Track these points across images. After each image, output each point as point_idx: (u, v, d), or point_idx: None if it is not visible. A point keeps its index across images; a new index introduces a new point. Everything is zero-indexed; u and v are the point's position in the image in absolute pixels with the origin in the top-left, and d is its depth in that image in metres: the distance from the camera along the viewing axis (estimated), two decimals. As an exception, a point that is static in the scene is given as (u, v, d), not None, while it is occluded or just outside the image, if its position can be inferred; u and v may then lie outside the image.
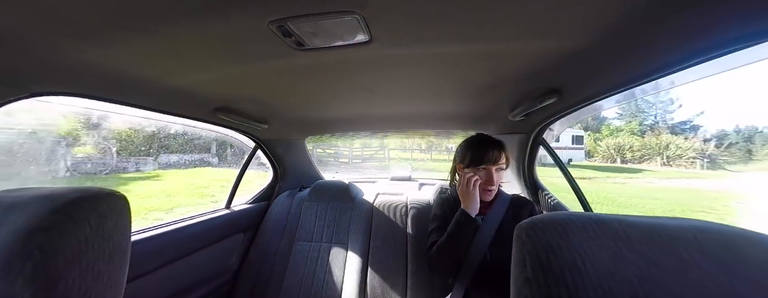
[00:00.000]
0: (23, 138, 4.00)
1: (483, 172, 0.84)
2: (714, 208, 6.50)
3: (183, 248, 1.00)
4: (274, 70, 0.63)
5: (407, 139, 7.82)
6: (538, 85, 0.72)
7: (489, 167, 0.83)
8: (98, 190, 0.36)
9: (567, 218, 0.26)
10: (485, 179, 0.83)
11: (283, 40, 0.48)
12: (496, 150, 0.83)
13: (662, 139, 15.40)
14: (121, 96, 0.67)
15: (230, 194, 1.32)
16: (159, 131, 6.22)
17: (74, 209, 0.32)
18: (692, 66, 0.45)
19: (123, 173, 6.09)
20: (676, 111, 27.87)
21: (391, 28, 0.47)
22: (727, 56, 0.41)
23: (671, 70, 0.48)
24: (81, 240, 0.31)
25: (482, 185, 0.83)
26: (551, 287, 0.22)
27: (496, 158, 0.83)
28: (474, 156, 0.85)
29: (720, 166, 15.25)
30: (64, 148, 5.37)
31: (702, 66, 0.44)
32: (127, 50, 0.50)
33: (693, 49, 0.43)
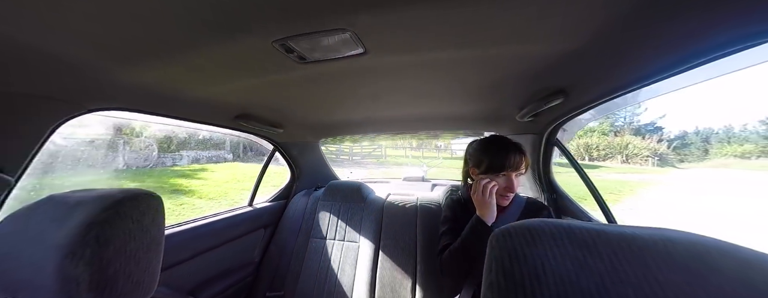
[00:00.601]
0: (92, 144, 5.17)
1: (502, 178, 0.78)
2: (620, 190, 7.85)
3: (211, 241, 1.12)
4: (283, 81, 0.69)
5: (400, 139, 8.07)
6: (544, 86, 0.71)
7: (509, 173, 0.77)
8: (138, 191, 0.43)
9: (538, 225, 0.27)
10: (505, 185, 0.78)
11: (286, 55, 0.53)
12: (517, 155, 0.77)
13: (624, 140, 16.91)
14: (158, 108, 0.77)
15: (253, 192, 1.43)
16: (173, 132, 6.85)
17: (121, 207, 0.39)
18: (696, 67, 0.42)
19: (163, 167, 6.80)
20: (642, 114, 29.68)
21: (384, 41, 0.49)
22: (734, 55, 0.38)
23: (678, 69, 0.45)
24: (126, 232, 0.38)
25: (500, 191, 0.78)
26: (511, 292, 0.23)
27: (517, 164, 0.77)
28: (493, 162, 0.79)
29: (669, 163, 16.54)
30: (123, 147, 6.28)
31: (706, 67, 0.41)
32: (162, 70, 0.58)
33: (697, 49, 0.40)
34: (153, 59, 0.53)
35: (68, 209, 0.37)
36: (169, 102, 0.75)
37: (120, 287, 0.36)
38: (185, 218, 1.11)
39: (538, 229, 0.26)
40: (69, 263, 0.33)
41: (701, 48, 0.39)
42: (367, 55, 0.54)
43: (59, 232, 0.35)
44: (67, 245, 0.34)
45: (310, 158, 1.67)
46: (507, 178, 0.78)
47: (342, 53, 0.54)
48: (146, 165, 6.51)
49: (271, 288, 1.25)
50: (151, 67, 0.56)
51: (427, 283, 1.08)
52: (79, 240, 0.34)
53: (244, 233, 1.29)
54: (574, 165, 0.98)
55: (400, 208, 1.30)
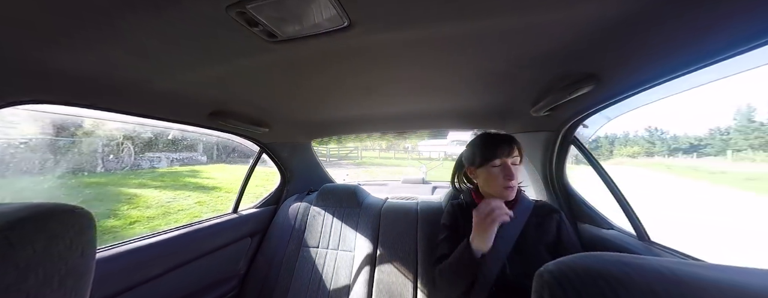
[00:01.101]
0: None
1: (499, 167, 0.76)
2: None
3: (190, 253, 1.00)
4: (255, 67, 0.58)
5: (371, 140, 8.25)
6: (569, 71, 0.59)
7: (504, 160, 0.76)
8: (52, 207, 0.32)
9: (619, 269, 0.16)
10: (504, 173, 0.75)
11: (250, 30, 0.42)
12: (506, 143, 0.77)
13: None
14: (105, 102, 0.65)
15: (237, 198, 1.31)
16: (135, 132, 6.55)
17: (13, 233, 0.27)
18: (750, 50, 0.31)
19: (139, 170, 6.61)
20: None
21: (373, 9, 0.38)
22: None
23: (746, 47, 0.34)
24: (20, 267, 0.27)
25: (503, 182, 0.75)
26: None
27: (509, 151, 0.76)
28: (484, 153, 0.78)
29: (582, 162, 21.43)
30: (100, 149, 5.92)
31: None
32: (96, 52, 0.47)
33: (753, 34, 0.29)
34: (76, 37, 0.42)
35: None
36: (116, 94, 0.63)
37: None
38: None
39: (621, 279, 0.16)
40: None
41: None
42: (353, 29, 0.43)
43: None
44: None
45: (301, 159, 1.56)
46: (504, 165, 0.76)
47: (321, 28, 0.42)
48: (123, 167, 6.29)
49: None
50: (78, 48, 0.45)
51: (428, 294, 0.97)
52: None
53: (228, 242, 1.17)
54: (595, 166, 0.87)
55: (399, 213, 1.20)
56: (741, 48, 0.36)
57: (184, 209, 4.16)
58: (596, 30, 0.43)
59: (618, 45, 0.46)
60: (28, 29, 0.39)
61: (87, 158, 5.71)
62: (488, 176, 0.78)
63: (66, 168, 4.98)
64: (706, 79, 0.44)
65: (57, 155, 4.97)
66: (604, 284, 0.16)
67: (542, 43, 0.49)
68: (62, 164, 5.00)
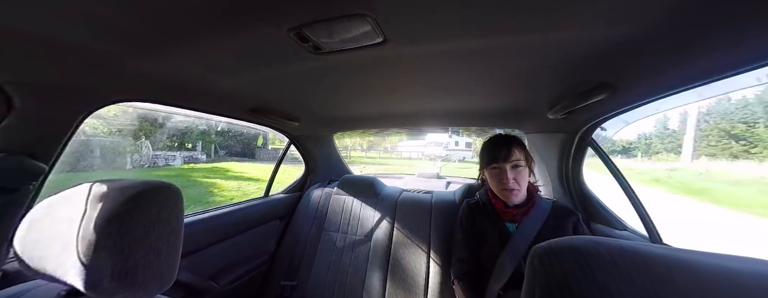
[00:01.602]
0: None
1: (496, 171, 0.81)
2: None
3: (230, 230, 1.16)
4: (298, 73, 0.67)
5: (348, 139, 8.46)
6: (586, 79, 0.62)
7: (501, 165, 0.79)
8: (158, 183, 0.43)
9: (592, 246, 0.22)
10: (499, 178, 0.80)
11: (301, 45, 0.50)
12: (504, 147, 0.79)
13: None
14: (178, 100, 0.78)
15: (268, 184, 1.46)
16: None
17: (141, 199, 0.39)
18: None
19: (156, 168, 7.21)
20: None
21: (405, 28, 0.45)
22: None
23: (759, 63, 0.37)
24: (146, 224, 0.38)
25: (499, 186, 0.81)
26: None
27: (505, 156, 0.78)
28: (486, 156, 0.83)
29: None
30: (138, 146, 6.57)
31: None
32: (181, 61, 0.58)
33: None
34: (172, 49, 0.52)
35: (94, 199, 0.38)
36: (187, 93, 0.75)
37: (140, 277, 0.37)
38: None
39: (593, 252, 0.21)
40: (93, 252, 0.33)
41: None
42: (387, 44, 0.50)
43: (86, 222, 0.35)
44: (91, 235, 0.34)
45: (324, 151, 1.67)
46: (500, 170, 0.79)
47: (359, 43, 0.50)
48: (142, 165, 6.84)
49: (286, 277, 1.28)
50: (171, 57, 0.55)
51: (439, 281, 1.06)
52: (102, 231, 0.34)
53: (260, 223, 1.32)
54: (611, 168, 0.88)
55: (414, 204, 1.27)
56: (748, 66, 0.39)
57: (254, 192, 4.96)
58: (611, 45, 0.47)
59: (632, 59, 0.49)
60: (131, 43, 0.49)
61: (117, 156, 6.37)
62: (491, 177, 0.83)
63: (105, 165, 5.67)
64: (713, 93, 0.46)
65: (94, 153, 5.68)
66: (579, 256, 0.22)
67: (560, 56, 0.53)
68: (102, 162, 5.69)
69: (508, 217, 0.83)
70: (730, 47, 0.38)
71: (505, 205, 0.84)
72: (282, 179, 1.57)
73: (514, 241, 0.78)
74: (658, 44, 0.44)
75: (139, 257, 0.36)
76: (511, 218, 0.83)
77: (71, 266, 0.34)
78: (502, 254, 0.79)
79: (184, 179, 5.60)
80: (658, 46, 0.44)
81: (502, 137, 0.85)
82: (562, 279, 0.20)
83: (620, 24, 0.41)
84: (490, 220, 0.86)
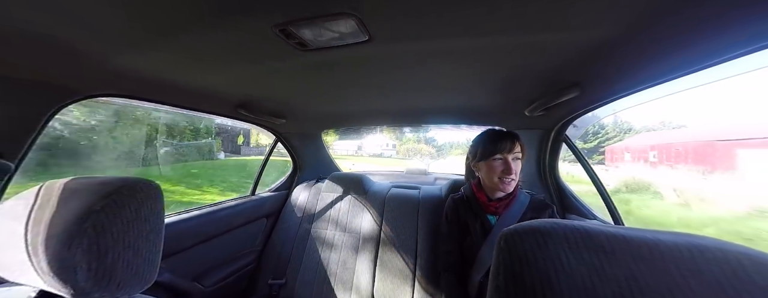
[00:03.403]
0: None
1: (499, 161, 0.82)
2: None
3: (215, 229, 1.13)
4: (284, 69, 0.67)
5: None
6: (558, 79, 0.67)
7: (505, 156, 0.81)
8: (136, 180, 0.42)
9: (550, 226, 0.25)
10: (502, 168, 0.82)
11: (287, 42, 0.51)
12: (508, 140, 0.81)
13: (420, 146, 27.49)
14: (158, 96, 0.75)
15: (254, 182, 1.43)
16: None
17: (118, 196, 0.38)
18: (723, 62, 0.39)
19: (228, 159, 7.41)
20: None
21: (390, 27, 0.46)
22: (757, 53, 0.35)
23: (697, 67, 0.42)
24: (124, 222, 0.38)
25: (501, 175, 0.82)
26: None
27: (510, 148, 0.81)
28: (486, 148, 0.83)
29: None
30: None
31: (738, 61, 0.38)
32: (159, 56, 0.56)
33: (727, 43, 0.37)
34: (151, 44, 0.51)
35: (67, 196, 0.37)
36: (168, 89, 0.73)
37: (119, 276, 0.36)
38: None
39: (550, 231, 0.25)
40: (67, 250, 0.33)
41: (739, 39, 0.36)
42: (372, 42, 0.51)
43: (57, 219, 0.34)
44: (64, 233, 0.33)
45: (311, 149, 1.67)
46: (503, 160, 0.81)
47: (345, 41, 0.51)
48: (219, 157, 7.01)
49: (274, 276, 1.27)
50: (151, 52, 0.54)
51: (426, 273, 1.09)
52: (76, 228, 0.33)
53: (247, 221, 1.30)
54: (582, 162, 0.95)
55: (402, 200, 1.30)
56: (690, 69, 0.44)
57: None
58: (579, 48, 0.51)
59: (595, 60, 0.54)
60: (111, 36, 0.48)
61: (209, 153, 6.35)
62: (489, 169, 0.84)
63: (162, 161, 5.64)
64: (664, 92, 0.52)
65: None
66: (538, 235, 0.25)
67: (535, 56, 0.57)
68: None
69: (490, 210, 0.88)
70: (682, 50, 0.43)
71: (488, 198, 0.88)
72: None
73: (494, 232, 0.83)
74: (619, 48, 0.48)
75: (117, 255, 0.36)
76: (493, 210, 0.87)
77: (41, 267, 0.33)
78: (483, 245, 0.83)
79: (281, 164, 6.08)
80: (618, 50, 0.49)
81: (504, 131, 0.87)
82: (523, 254, 0.24)
83: (587, 29, 0.45)
84: (474, 213, 0.90)
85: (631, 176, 6.74)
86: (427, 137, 37.23)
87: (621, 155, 11.25)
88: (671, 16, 0.37)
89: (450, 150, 30.20)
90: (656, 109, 34.90)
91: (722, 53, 0.39)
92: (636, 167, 9.21)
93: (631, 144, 12.15)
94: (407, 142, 30.51)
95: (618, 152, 11.98)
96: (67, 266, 0.32)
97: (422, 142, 31.74)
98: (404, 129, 1.68)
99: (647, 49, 0.46)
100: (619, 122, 24.51)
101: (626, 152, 11.24)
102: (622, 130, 21.94)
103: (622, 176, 7.29)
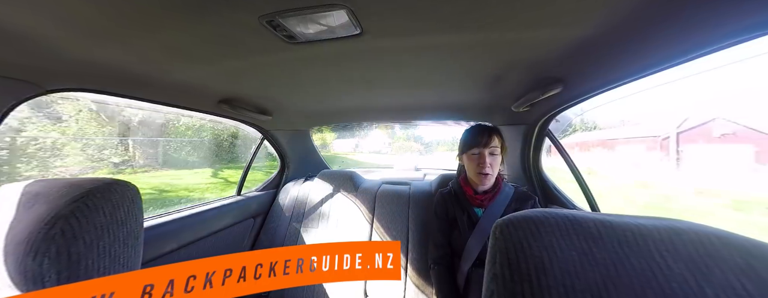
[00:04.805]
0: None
1: (475, 155, 0.85)
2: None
3: (199, 231, 1.08)
4: (271, 63, 0.64)
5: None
6: (542, 75, 0.69)
7: (481, 150, 0.84)
8: (110, 180, 0.39)
9: (542, 215, 0.27)
10: (478, 161, 0.85)
11: (275, 34, 0.49)
12: (486, 134, 0.84)
13: (409, 144, 26.64)
14: (131, 90, 0.70)
15: (240, 181, 1.38)
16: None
17: (90, 199, 0.35)
18: (699, 57, 0.42)
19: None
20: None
21: (383, 20, 0.46)
22: (741, 45, 0.38)
23: (677, 61, 0.45)
24: (97, 226, 0.35)
25: (477, 168, 0.85)
26: (516, 284, 0.23)
27: (486, 142, 0.84)
28: (466, 142, 0.87)
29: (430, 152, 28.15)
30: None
31: (710, 57, 0.41)
32: (130, 48, 0.52)
33: (702, 40, 0.40)
34: (123, 36, 0.47)
35: (28, 200, 0.34)
36: (143, 84, 0.68)
37: None
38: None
39: (542, 220, 0.26)
40: (31, 260, 0.30)
41: (704, 39, 0.39)
42: (363, 36, 0.50)
43: (19, 226, 0.31)
44: (27, 241, 0.30)
45: (300, 146, 1.63)
46: (479, 155, 0.85)
47: (336, 34, 0.50)
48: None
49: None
50: (115, 44, 0.50)
51: (418, 268, 1.11)
52: (42, 235, 0.31)
53: (233, 223, 1.26)
54: (564, 156, 1.00)
55: (393, 196, 1.30)
56: (672, 62, 0.47)
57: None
58: (562, 45, 0.53)
59: (577, 57, 0.56)
60: (76, 26, 0.43)
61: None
62: (468, 162, 0.88)
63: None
64: (641, 88, 0.55)
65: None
66: (532, 224, 0.26)
67: (520, 54, 0.59)
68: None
69: (476, 202, 0.90)
70: (661, 46, 0.46)
71: (475, 191, 0.90)
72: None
73: (480, 224, 0.85)
74: (600, 45, 0.51)
75: (91, 262, 0.33)
76: (479, 203, 0.90)
77: (2, 279, 0.30)
78: (470, 236, 0.85)
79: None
80: (599, 47, 0.51)
81: (483, 125, 0.90)
82: (518, 243, 0.25)
83: (570, 26, 0.46)
84: (461, 206, 0.93)
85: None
86: (415, 135, 41.09)
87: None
88: (654, 15, 0.39)
89: (436, 147, 32.08)
90: (619, 109, 37.46)
91: (689, 52, 0.42)
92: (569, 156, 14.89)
93: (568, 141, 15.52)
94: (398, 140, 33.28)
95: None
96: (33, 276, 0.30)
97: (411, 140, 34.45)
98: (395, 126, 1.71)
99: (626, 47, 0.48)
100: (585, 121, 27.10)
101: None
102: (587, 128, 23.97)
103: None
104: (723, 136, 6.50)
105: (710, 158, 6.59)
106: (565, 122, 1.03)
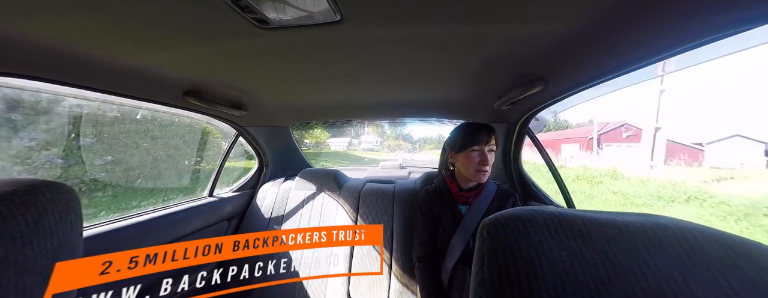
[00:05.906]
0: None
1: (476, 153, 0.85)
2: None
3: (165, 236, 0.99)
4: (242, 51, 0.59)
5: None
6: (525, 73, 0.70)
7: (482, 147, 0.85)
8: (37, 182, 0.33)
9: (530, 214, 0.26)
10: (479, 159, 0.85)
11: (243, 15, 0.44)
12: (486, 132, 0.85)
13: (398, 142, 28.78)
14: (74, 78, 0.61)
15: (212, 181, 1.29)
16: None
17: (6, 204, 0.29)
18: (679, 53, 0.43)
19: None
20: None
21: (365, 7, 0.43)
22: (718, 42, 0.39)
23: (656, 58, 0.46)
24: (16, 237, 0.29)
25: (477, 166, 0.85)
26: (505, 289, 0.21)
27: (487, 140, 0.85)
28: (464, 140, 0.86)
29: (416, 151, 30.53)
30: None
31: (691, 53, 0.42)
32: (67, 24, 0.44)
33: (680, 36, 0.41)
34: (46, 7, 0.40)
35: None
36: (86, 69, 0.59)
37: None
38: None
39: (530, 218, 0.25)
40: None
41: (692, 32, 0.40)
42: (344, 24, 0.47)
43: None
44: None
45: (279, 144, 1.55)
46: (480, 152, 0.85)
47: (314, 20, 0.46)
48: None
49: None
50: (46, 19, 0.42)
51: (402, 267, 1.10)
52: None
53: (204, 226, 1.17)
54: (542, 154, 1.03)
55: (377, 194, 1.28)
56: (651, 59, 0.48)
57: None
58: (544, 42, 0.53)
59: (559, 54, 0.57)
60: None
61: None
62: (466, 160, 0.87)
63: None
64: (620, 85, 0.57)
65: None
66: (520, 223, 0.25)
67: (506, 47, 0.58)
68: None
69: (461, 199, 0.91)
70: (638, 44, 0.47)
71: (460, 189, 0.91)
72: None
73: (465, 221, 0.86)
74: (577, 43, 0.51)
75: (7, 282, 0.27)
76: (464, 200, 0.90)
77: None
78: (455, 233, 0.85)
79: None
80: (576, 46, 0.52)
81: (482, 124, 0.90)
82: (506, 243, 0.23)
83: (553, 21, 0.46)
84: (446, 203, 0.93)
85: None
86: (404, 134, 40.64)
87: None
88: (636, 10, 0.40)
89: (424, 145, 32.42)
90: (588, 109, 40.36)
91: (673, 46, 0.43)
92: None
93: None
94: (388, 138, 32.74)
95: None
96: None
97: (400, 139, 34.41)
98: (383, 125, 1.71)
99: (606, 45, 0.49)
100: (559, 120, 28.61)
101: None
102: (560, 127, 25.61)
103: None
104: (628, 137, 9.45)
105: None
106: (543, 121, 1.06)
